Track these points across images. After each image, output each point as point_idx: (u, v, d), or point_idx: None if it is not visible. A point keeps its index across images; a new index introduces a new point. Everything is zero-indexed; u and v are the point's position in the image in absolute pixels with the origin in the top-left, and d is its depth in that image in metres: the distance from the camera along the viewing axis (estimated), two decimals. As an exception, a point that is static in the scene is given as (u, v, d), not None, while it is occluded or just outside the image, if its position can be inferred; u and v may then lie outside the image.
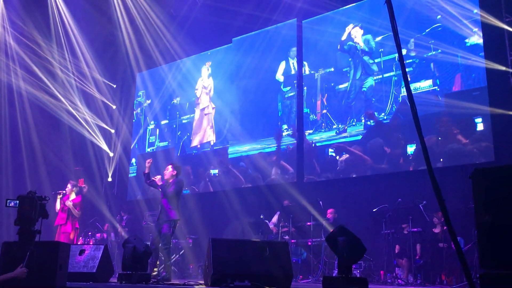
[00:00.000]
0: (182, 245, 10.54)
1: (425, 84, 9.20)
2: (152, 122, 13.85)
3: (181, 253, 10.46)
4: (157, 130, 13.69)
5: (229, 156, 12.00)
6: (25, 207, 4.48)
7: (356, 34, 10.41)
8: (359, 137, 10.00)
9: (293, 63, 11.49)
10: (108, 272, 6.59)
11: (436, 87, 9.15)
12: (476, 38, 8.81)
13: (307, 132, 10.82)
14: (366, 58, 10.22)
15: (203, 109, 12.75)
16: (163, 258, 7.32)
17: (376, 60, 10.05)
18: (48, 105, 13.00)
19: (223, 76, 12.73)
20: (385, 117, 9.72)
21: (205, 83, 12.85)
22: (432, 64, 9.27)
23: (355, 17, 10.58)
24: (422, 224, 8.42)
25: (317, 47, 11.20)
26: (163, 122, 13.62)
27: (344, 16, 10.78)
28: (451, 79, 9.04)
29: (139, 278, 5.88)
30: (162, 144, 13.49)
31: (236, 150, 11.93)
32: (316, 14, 11.22)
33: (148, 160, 7.94)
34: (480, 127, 8.55)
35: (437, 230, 8.46)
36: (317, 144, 10.62)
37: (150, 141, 13.76)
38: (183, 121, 13.17)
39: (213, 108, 12.60)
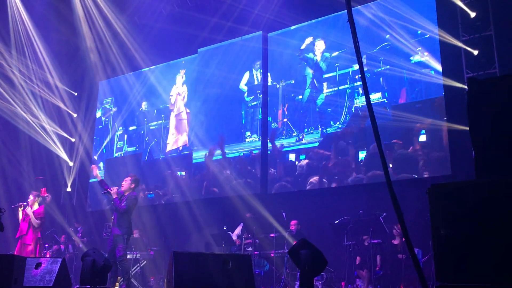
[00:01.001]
0: (143, 257, 10.34)
1: (375, 97, 9.79)
2: (120, 128, 13.73)
3: (141, 265, 10.26)
4: (125, 135, 13.60)
5: (193, 161, 12.05)
6: (-21, 220, 4.32)
7: (319, 47, 10.72)
8: (317, 144, 10.42)
9: (257, 74, 11.68)
10: (66, 287, 6.39)
11: (385, 99, 9.75)
12: (419, 56, 9.45)
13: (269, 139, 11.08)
14: (319, 73, 10.70)
15: (179, 114, 12.71)
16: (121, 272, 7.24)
17: (331, 74, 10.50)
18: (6, 112, 12.58)
19: (186, 84, 12.83)
20: (339, 126, 10.18)
21: (179, 90, 12.85)
22: (381, 79, 9.86)
23: (317, 31, 10.91)
24: (382, 235, 8.58)
25: (280, 59, 11.45)
26: (131, 128, 13.55)
27: (307, 29, 11.09)
28: (397, 92, 9.69)
29: (98, 292, 5.73)
30: (130, 149, 13.44)
31: (200, 155, 11.98)
32: (282, 27, 11.43)
33: (92, 166, 7.84)
34: (422, 138, 9.11)
35: (396, 241, 8.64)
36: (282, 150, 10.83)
37: (118, 146, 13.65)
38: (151, 127, 13.17)
39: (187, 112, 12.61)
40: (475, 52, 8.67)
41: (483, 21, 8.71)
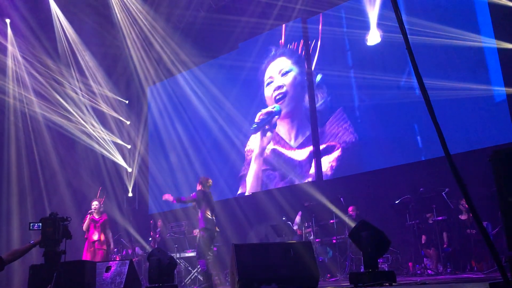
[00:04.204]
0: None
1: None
2: (191, 116, 13.68)
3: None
4: (196, 120, 13.52)
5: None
6: (48, 229, 4.53)
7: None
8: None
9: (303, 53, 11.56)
10: (136, 287, 6.61)
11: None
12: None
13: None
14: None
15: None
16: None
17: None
18: (64, 127, 13.15)
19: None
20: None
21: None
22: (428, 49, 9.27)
23: (357, 13, 10.54)
24: (446, 212, 8.32)
25: (323, 45, 11.24)
26: (200, 114, 13.33)
27: (346, 13, 10.79)
28: (444, 62, 9.18)
29: (166, 290, 5.89)
30: (201, 130, 13.33)
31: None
32: (319, 12, 11.25)
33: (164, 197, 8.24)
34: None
35: (463, 216, 8.34)
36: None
37: (190, 129, 13.64)
38: (217, 112, 12.97)
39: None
40: (529, 11, 8.18)
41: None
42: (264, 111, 11.99)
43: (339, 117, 10.63)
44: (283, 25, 11.89)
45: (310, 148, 10.91)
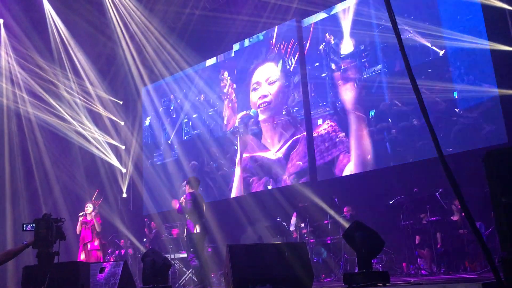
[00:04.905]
0: (201, 254, 10.50)
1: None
2: (186, 117, 13.91)
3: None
4: (190, 122, 13.80)
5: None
6: (41, 230, 4.51)
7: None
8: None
9: (291, 60, 11.57)
10: (130, 288, 6.59)
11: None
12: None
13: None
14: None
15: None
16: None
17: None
18: (58, 127, 13.09)
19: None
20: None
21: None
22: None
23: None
24: (440, 212, 8.34)
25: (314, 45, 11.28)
26: (194, 115, 13.66)
27: (339, 13, 10.83)
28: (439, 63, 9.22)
29: (161, 291, 5.87)
30: (194, 132, 13.61)
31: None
32: (314, 12, 11.28)
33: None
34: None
35: (455, 217, 8.37)
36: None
37: (185, 131, 13.89)
38: (209, 113, 13.27)
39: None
40: (521, 12, 8.24)
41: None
42: (239, 116, 12.31)
43: (326, 114, 10.69)
44: (275, 27, 11.92)
45: (294, 148, 11.13)
